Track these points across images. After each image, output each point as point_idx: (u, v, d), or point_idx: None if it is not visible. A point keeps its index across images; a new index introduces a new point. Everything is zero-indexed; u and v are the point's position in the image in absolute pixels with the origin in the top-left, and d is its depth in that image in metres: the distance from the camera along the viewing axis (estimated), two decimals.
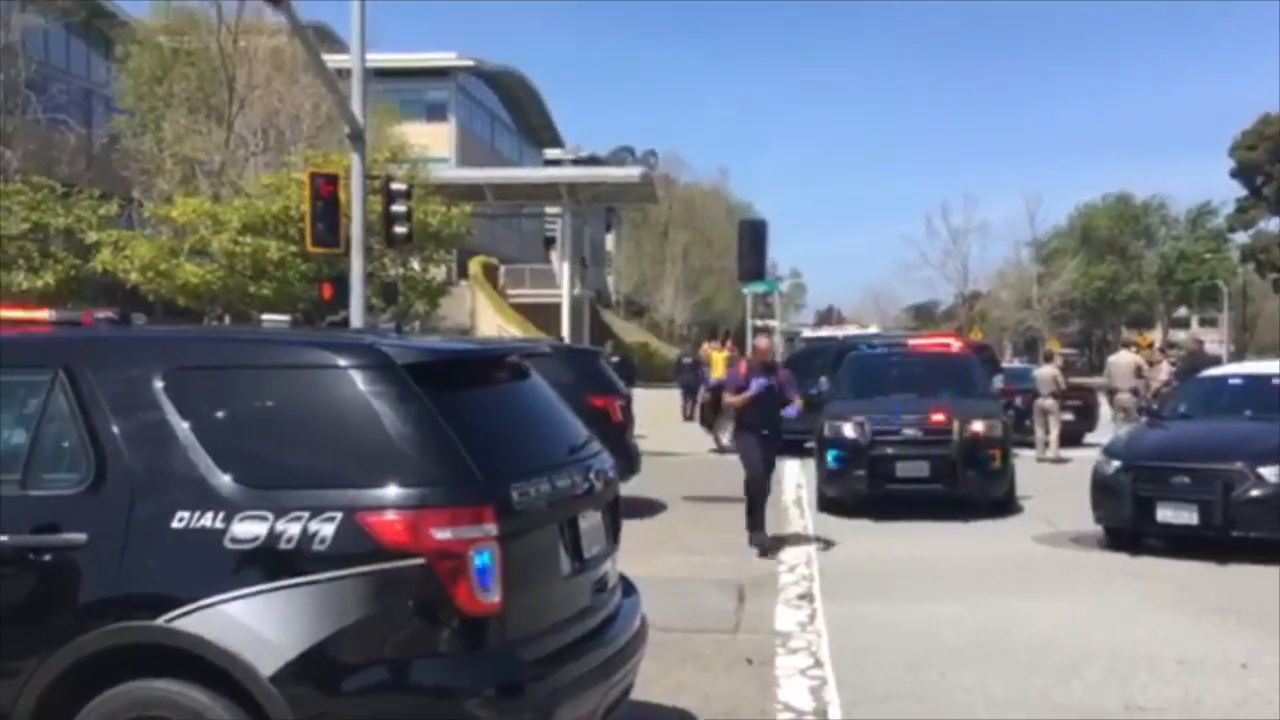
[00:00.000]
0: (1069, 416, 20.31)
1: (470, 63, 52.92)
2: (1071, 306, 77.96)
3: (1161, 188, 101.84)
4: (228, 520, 3.76)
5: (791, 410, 10.88)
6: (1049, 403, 19.07)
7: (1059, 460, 18.31)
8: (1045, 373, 19.73)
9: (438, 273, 33.07)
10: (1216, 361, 18.72)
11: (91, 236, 26.13)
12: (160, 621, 3.71)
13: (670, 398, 28.94)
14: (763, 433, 10.77)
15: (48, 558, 3.88)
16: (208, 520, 3.77)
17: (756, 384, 10.71)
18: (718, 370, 28.09)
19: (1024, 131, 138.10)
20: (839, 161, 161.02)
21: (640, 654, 4.74)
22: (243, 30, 31.50)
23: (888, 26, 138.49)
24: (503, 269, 48.91)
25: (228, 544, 3.74)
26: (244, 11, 31.10)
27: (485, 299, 44.67)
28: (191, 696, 3.71)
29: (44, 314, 5.52)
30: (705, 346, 31.42)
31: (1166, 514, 10.17)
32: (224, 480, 3.82)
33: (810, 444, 14.66)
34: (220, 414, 3.97)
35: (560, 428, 4.71)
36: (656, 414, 22.88)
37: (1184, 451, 10.53)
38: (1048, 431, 19.09)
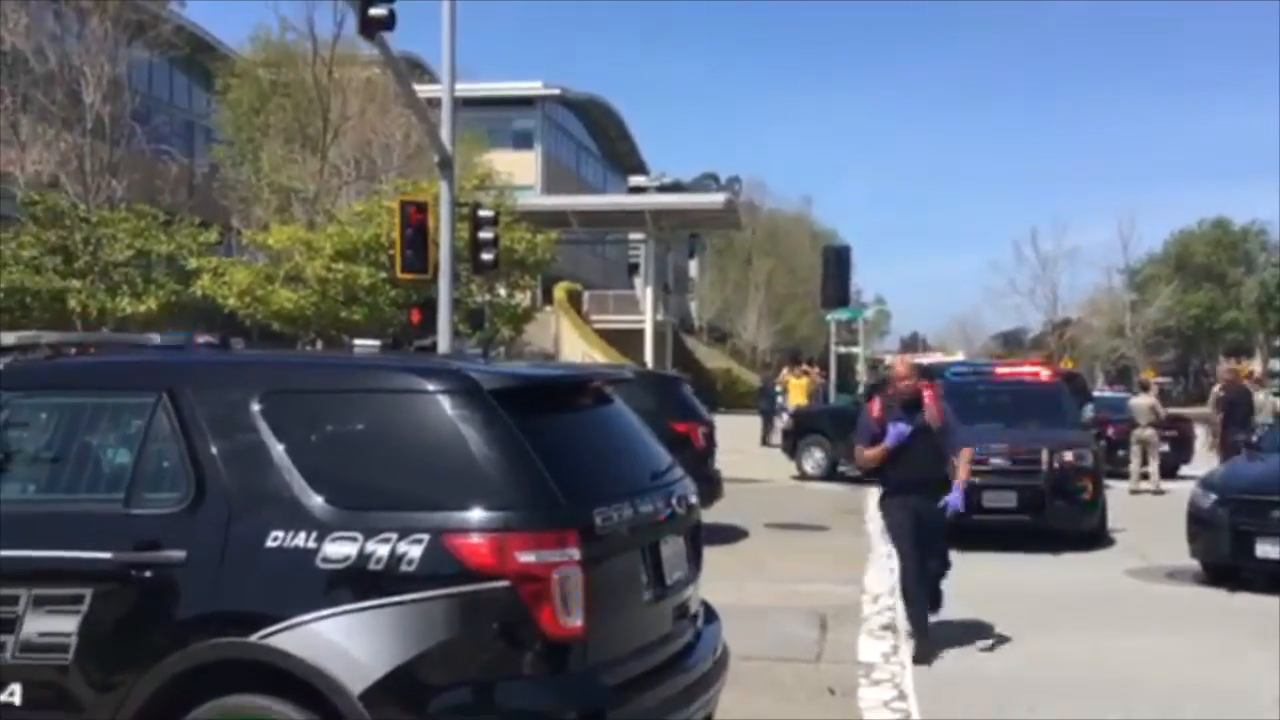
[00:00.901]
0: (1164, 448, 19.78)
1: (556, 91, 53.62)
2: (1166, 335, 75.90)
3: (1261, 213, 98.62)
4: (320, 540, 3.85)
5: (954, 499, 7.66)
6: (1148, 433, 18.55)
7: (1158, 492, 17.84)
8: (1142, 402, 19.22)
9: (523, 298, 33.50)
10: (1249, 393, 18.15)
11: (192, 263, 26.98)
12: (254, 638, 3.82)
13: (753, 424, 28.85)
14: (919, 497, 7.66)
15: (149, 574, 4.01)
16: (300, 540, 3.87)
17: (895, 432, 7.52)
18: (796, 397, 28.00)
19: (1117, 156, 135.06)
20: (925, 187, 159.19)
21: (721, 681, 4.74)
22: (337, 63, 32.34)
23: (974, 49, 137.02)
24: (587, 295, 49.27)
25: (319, 563, 3.84)
26: (338, 44, 31.94)
27: (569, 325, 45.04)
28: (283, 713, 3.80)
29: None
30: (784, 373, 31.28)
31: (1266, 549, 9.84)
32: (316, 501, 3.93)
33: None
34: (313, 436, 4.08)
35: (643, 453, 4.75)
36: (738, 440, 22.81)
37: None
38: (1144, 463, 18.58)
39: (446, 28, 16.90)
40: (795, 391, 28.29)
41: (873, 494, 16.86)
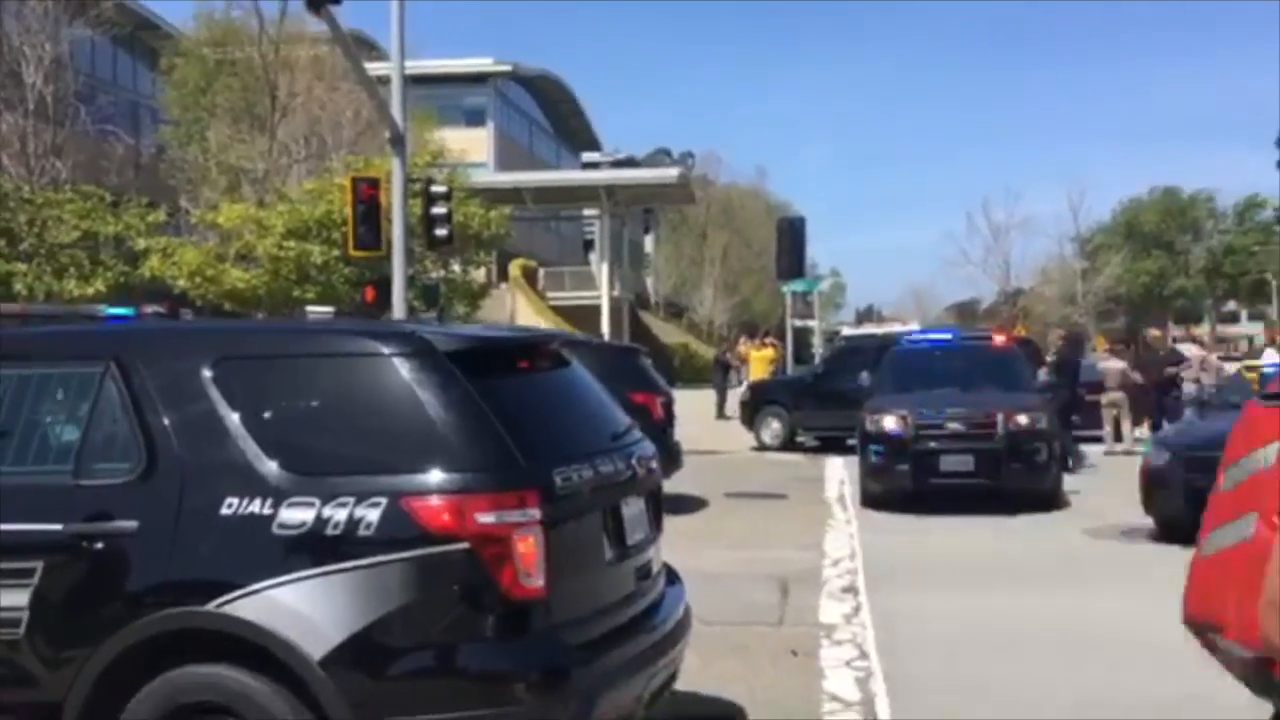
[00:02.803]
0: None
1: (507, 68, 53.25)
2: (1117, 302, 76.98)
3: (1209, 181, 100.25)
4: (275, 506, 3.80)
5: None
6: (1118, 396, 18.79)
7: (1129, 454, 18.13)
8: (1113, 366, 19.41)
9: (478, 275, 33.33)
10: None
11: (140, 244, 26.57)
12: (211, 607, 3.77)
13: (712, 397, 28.91)
14: None
15: (100, 545, 3.94)
16: (256, 507, 3.81)
17: None
18: (756, 370, 28.06)
19: (1067, 126, 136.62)
20: (878, 159, 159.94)
21: (684, 641, 4.74)
22: (283, 40, 31.89)
23: (925, 22, 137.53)
24: (542, 271, 49.11)
25: (276, 530, 3.79)
26: (285, 21, 31.47)
27: (525, 301, 44.90)
28: (242, 680, 3.76)
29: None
30: (743, 344, 31.33)
31: None
32: (271, 467, 3.87)
33: (853, 440, 14.60)
34: (267, 403, 4.02)
35: (602, 415, 4.73)
36: (697, 413, 22.87)
37: None
38: (1116, 426, 18.83)
39: (395, 3, 16.68)
40: (757, 364, 28.34)
41: (833, 464, 17.03)
